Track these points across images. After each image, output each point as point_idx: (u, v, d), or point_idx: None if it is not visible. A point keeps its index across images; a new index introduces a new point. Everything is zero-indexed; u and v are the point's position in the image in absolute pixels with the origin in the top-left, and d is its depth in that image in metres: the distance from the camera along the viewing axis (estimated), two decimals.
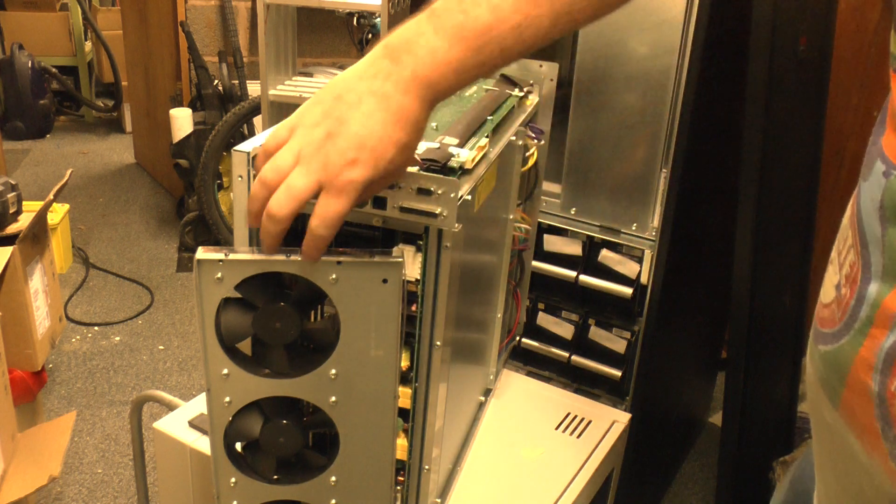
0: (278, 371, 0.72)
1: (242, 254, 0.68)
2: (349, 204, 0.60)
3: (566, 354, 1.40)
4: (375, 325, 0.70)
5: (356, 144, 0.59)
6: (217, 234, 2.73)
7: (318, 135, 0.60)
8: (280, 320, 0.68)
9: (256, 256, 0.67)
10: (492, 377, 1.17)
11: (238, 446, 0.78)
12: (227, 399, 0.73)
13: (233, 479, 0.77)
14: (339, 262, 0.67)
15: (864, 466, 0.55)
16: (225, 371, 0.72)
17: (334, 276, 0.68)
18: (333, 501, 0.78)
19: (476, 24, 0.59)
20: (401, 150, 0.61)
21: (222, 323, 0.70)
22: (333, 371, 0.72)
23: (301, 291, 0.69)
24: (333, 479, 0.77)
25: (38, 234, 1.59)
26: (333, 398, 0.73)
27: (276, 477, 0.77)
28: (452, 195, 0.69)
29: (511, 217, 1.05)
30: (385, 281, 0.69)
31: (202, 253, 0.68)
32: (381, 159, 0.60)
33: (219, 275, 0.68)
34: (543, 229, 1.34)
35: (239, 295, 0.69)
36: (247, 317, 0.69)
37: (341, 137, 0.59)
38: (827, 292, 0.59)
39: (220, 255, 0.68)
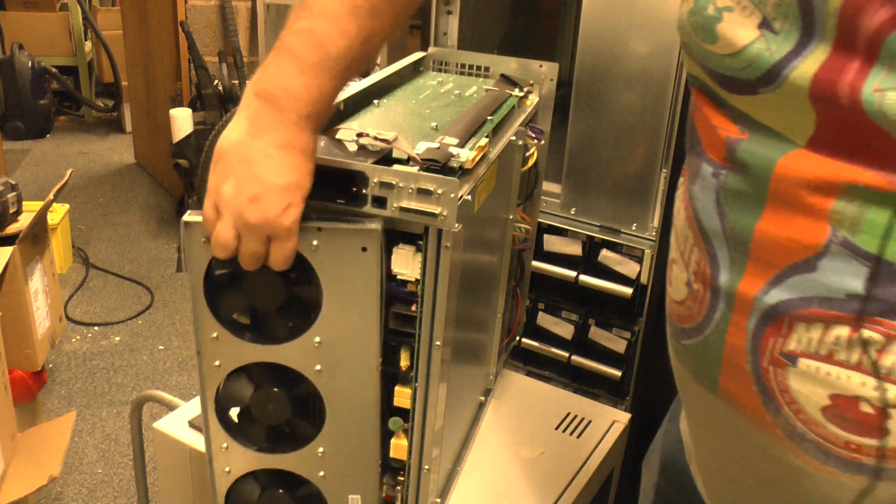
0: (265, 336, 0.74)
1: None
2: (296, 237, 0.68)
3: (566, 354, 1.40)
4: (356, 293, 0.72)
5: (283, 192, 0.66)
6: None
7: (244, 203, 0.66)
8: (267, 286, 0.71)
9: None
10: (492, 377, 1.17)
11: (234, 416, 0.80)
12: (217, 363, 0.76)
13: (224, 444, 0.80)
14: (319, 229, 0.69)
15: (755, 441, 0.60)
16: (214, 334, 0.74)
17: (315, 242, 0.70)
18: (322, 473, 0.80)
19: (335, 54, 0.66)
20: (312, 175, 0.68)
21: (212, 286, 0.73)
22: (318, 339, 0.73)
23: None
24: (321, 450, 0.78)
25: (38, 234, 1.59)
26: (318, 366, 0.75)
27: (265, 445, 0.79)
28: (452, 195, 0.69)
29: (511, 217, 1.05)
30: (364, 249, 0.70)
31: (189, 216, 0.71)
32: (304, 191, 0.67)
33: (205, 238, 0.70)
34: (543, 229, 1.34)
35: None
36: (236, 282, 0.71)
37: (268, 194, 0.65)
38: (678, 290, 0.64)
39: None
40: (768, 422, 0.58)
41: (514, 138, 0.94)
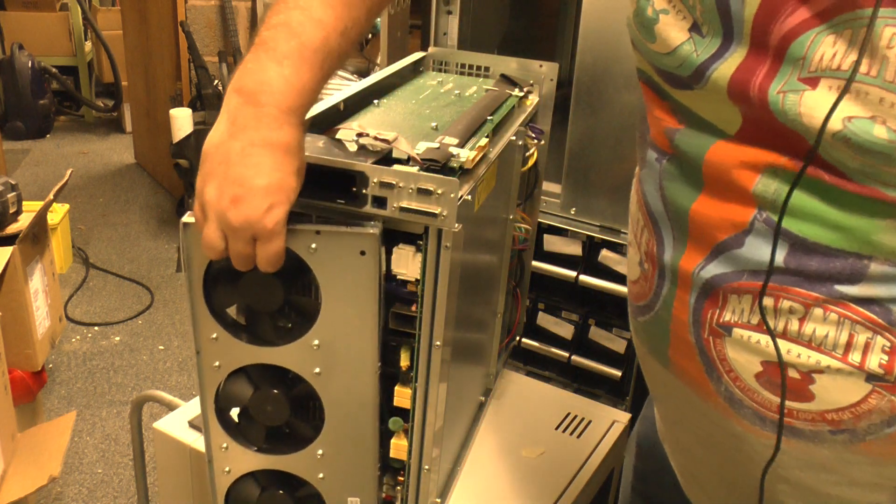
0: (264, 338, 0.74)
1: None
2: (283, 238, 0.66)
3: (566, 354, 1.40)
4: (355, 296, 0.72)
5: (264, 193, 0.64)
6: None
7: (226, 205, 0.64)
8: (266, 288, 0.70)
9: None
10: (492, 377, 1.17)
11: (234, 416, 0.80)
12: (217, 363, 0.75)
13: (224, 444, 0.79)
14: (318, 232, 0.69)
15: (701, 411, 0.64)
16: (214, 335, 0.74)
17: (314, 245, 0.69)
18: (321, 475, 0.80)
19: (311, 45, 0.65)
20: (299, 173, 0.66)
21: (211, 287, 0.72)
22: (316, 341, 0.73)
23: (285, 261, 0.70)
24: (320, 452, 0.78)
25: (38, 234, 1.59)
26: (317, 369, 0.74)
27: (264, 446, 0.79)
28: (452, 195, 0.69)
29: (511, 217, 1.05)
30: (363, 253, 0.70)
31: (188, 217, 0.70)
32: (289, 191, 0.65)
33: None
34: (543, 229, 1.34)
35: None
36: (234, 283, 0.71)
37: (249, 195, 0.63)
38: (633, 271, 0.69)
39: None
40: (711, 391, 0.61)
41: (514, 138, 0.94)
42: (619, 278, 1.32)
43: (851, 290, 0.54)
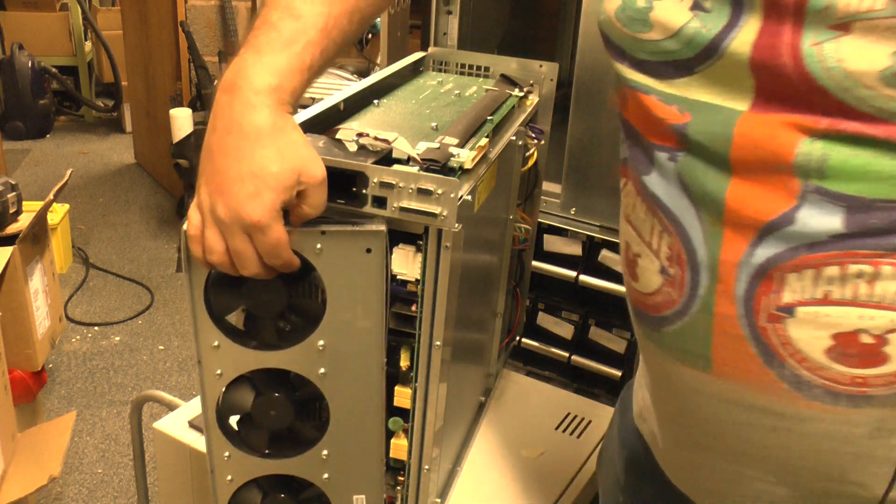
0: (268, 343, 0.73)
1: None
2: (277, 231, 0.63)
3: (566, 354, 1.40)
4: (361, 295, 0.71)
5: (240, 181, 0.62)
6: None
7: (215, 199, 0.63)
8: (268, 291, 0.69)
9: None
10: (492, 377, 1.17)
11: (234, 423, 0.79)
12: (219, 371, 0.74)
13: (226, 453, 0.78)
14: (323, 233, 0.68)
15: (761, 407, 0.61)
16: (215, 343, 0.73)
17: (319, 246, 0.69)
18: (326, 476, 0.79)
19: (288, 35, 0.66)
20: (281, 159, 0.63)
21: (212, 293, 0.71)
22: (321, 342, 0.72)
23: None
24: (325, 452, 0.78)
25: (38, 234, 1.59)
26: (322, 370, 0.74)
27: (267, 451, 0.78)
28: (452, 195, 0.69)
29: (511, 217, 1.05)
30: (369, 251, 0.69)
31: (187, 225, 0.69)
32: (268, 178, 0.62)
33: None
34: (543, 229, 1.34)
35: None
36: (236, 288, 0.70)
37: (228, 184, 0.62)
38: (649, 282, 0.66)
39: None
40: (772, 380, 0.59)
41: (514, 138, 0.94)
42: (620, 278, 1.31)
43: None
